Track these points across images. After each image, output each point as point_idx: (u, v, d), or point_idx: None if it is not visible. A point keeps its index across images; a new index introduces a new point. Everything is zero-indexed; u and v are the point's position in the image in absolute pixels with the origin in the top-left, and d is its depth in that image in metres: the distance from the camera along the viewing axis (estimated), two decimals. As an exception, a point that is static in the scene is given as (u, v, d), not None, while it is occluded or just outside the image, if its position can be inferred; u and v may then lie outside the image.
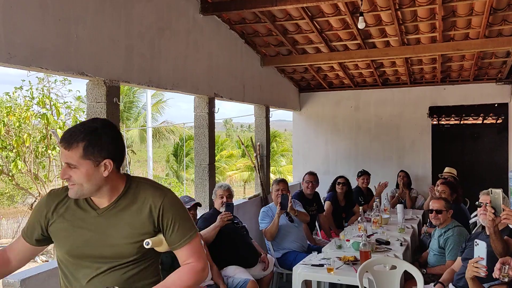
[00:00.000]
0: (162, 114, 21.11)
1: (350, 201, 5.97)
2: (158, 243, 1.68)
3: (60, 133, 9.01)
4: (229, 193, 4.23)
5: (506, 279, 1.98)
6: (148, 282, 1.71)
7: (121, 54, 3.54)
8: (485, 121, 8.84)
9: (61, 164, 10.43)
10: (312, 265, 3.60)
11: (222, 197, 4.18)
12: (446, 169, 6.44)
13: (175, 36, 4.31)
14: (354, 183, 6.48)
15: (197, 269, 1.70)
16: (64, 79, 9.79)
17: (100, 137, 1.56)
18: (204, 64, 4.83)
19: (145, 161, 20.44)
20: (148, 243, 1.64)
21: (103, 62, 3.33)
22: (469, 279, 2.36)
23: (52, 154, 9.81)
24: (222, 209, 4.04)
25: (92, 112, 3.34)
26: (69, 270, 1.68)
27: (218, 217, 3.91)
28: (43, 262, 12.91)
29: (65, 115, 9.71)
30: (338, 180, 5.89)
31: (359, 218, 4.91)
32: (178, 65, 4.35)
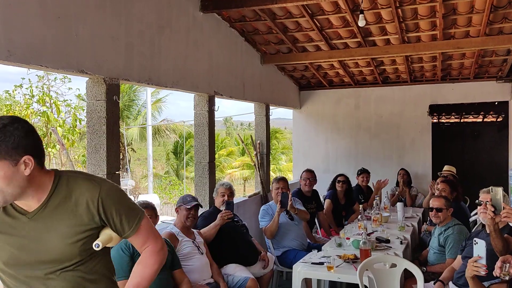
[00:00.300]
0: (162, 112, 21.11)
1: (350, 199, 5.97)
2: (108, 240, 1.61)
3: (60, 131, 9.02)
4: (230, 192, 4.24)
5: (507, 278, 1.98)
6: (104, 283, 1.67)
7: (121, 52, 3.54)
8: (485, 120, 8.83)
9: (61, 162, 10.45)
10: (312, 263, 3.60)
11: (223, 195, 4.19)
12: (446, 167, 6.43)
13: (175, 34, 4.30)
14: (354, 182, 6.48)
15: (156, 249, 1.69)
16: (64, 77, 9.79)
17: (11, 134, 1.39)
18: (204, 62, 4.82)
19: (145, 159, 20.44)
20: (98, 245, 1.56)
21: (103, 60, 3.33)
22: (469, 278, 2.36)
23: (52, 152, 9.81)
24: (223, 208, 4.05)
25: (92, 110, 3.34)
26: (11, 282, 1.58)
27: (219, 216, 3.91)
28: None
29: (65, 113, 9.72)
30: (338, 178, 5.89)
31: (359, 216, 4.91)
32: (178, 63, 4.35)
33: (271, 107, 6.80)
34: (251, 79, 6.01)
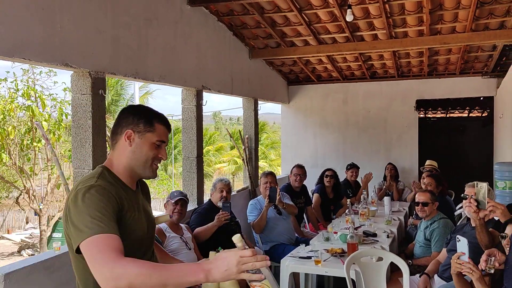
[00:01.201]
0: (150, 106, 20.93)
1: (338, 193, 6.00)
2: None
3: (46, 125, 8.88)
4: (228, 188, 4.25)
5: (492, 271, 2.01)
6: None
7: (107, 45, 3.48)
8: (471, 115, 8.97)
9: (46, 157, 10.30)
10: (300, 257, 3.61)
11: (221, 191, 4.20)
12: (427, 162, 6.54)
13: (163, 27, 4.25)
14: (342, 176, 6.52)
15: (100, 279, 1.36)
16: (50, 70, 9.64)
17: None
18: (192, 56, 4.78)
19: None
20: None
21: (89, 53, 3.28)
22: (454, 274, 2.38)
23: (38, 147, 9.67)
24: (220, 204, 4.04)
25: (77, 104, 3.29)
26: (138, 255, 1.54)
27: (216, 217, 3.91)
28: (29, 256, 12.79)
29: (51, 107, 9.58)
30: (326, 173, 5.91)
31: (347, 210, 4.94)
32: (166, 57, 4.30)
33: (260, 102, 6.79)
34: (240, 73, 5.98)
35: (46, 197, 11.14)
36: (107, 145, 3.06)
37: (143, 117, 1.63)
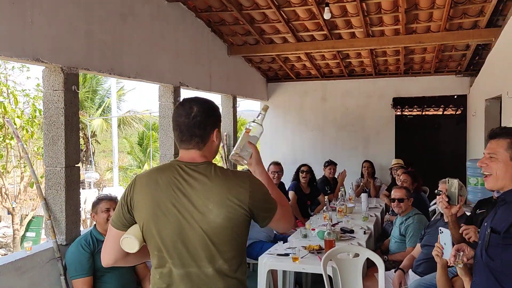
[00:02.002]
0: (126, 102, 20.60)
1: (314, 188, 6.05)
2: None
3: (18, 122, 8.64)
4: None
5: (461, 266, 2.04)
6: None
7: (81, 40, 3.40)
8: (445, 112, 9.16)
9: (19, 154, 10.03)
10: (278, 254, 3.62)
11: None
12: (394, 161, 6.71)
13: (139, 23, 4.18)
14: (320, 173, 6.57)
15: None
16: (22, 65, 9.37)
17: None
18: (169, 52, 4.72)
19: (111, 151, 19.97)
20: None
21: (61, 48, 3.19)
22: (438, 267, 2.41)
23: (10, 144, 9.41)
24: None
25: (49, 100, 3.20)
26: None
27: None
28: (1, 256, 12.46)
29: (24, 103, 9.32)
30: (302, 168, 5.94)
31: (325, 207, 4.98)
32: (142, 53, 4.24)
33: (238, 99, 6.76)
34: (218, 70, 5.94)
35: (19, 195, 10.85)
36: (80, 142, 2.98)
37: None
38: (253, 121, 1.87)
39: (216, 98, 6.63)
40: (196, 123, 1.60)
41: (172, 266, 1.56)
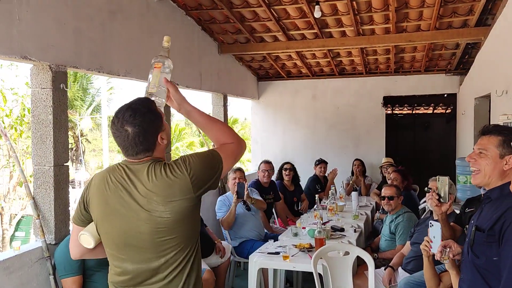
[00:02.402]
0: (116, 101, 20.44)
1: (298, 185, 6.09)
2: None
3: (7, 121, 8.54)
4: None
5: (447, 262, 2.06)
6: None
7: (69, 37, 3.36)
8: (435, 111, 9.23)
9: (8, 153, 9.91)
10: (268, 253, 3.62)
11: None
12: (384, 159, 6.75)
13: (128, 21, 4.15)
14: (311, 172, 6.59)
15: None
16: (11, 63, 9.26)
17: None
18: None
19: (101, 151, 19.81)
20: None
21: (49, 45, 3.15)
22: (425, 259, 2.42)
23: (-2, 143, 9.30)
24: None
25: (37, 98, 3.16)
26: None
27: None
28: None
29: (12, 101, 9.22)
30: (285, 166, 5.97)
31: (315, 205, 4.99)
32: (132, 51, 4.20)
33: (231, 97, 6.74)
34: (208, 69, 5.92)
35: (8, 194, 10.74)
36: (69, 141, 2.95)
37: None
38: (160, 55, 1.77)
39: (206, 96, 6.60)
40: (137, 142, 1.57)
41: (124, 262, 1.61)
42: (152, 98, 1.66)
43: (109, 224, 1.60)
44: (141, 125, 1.56)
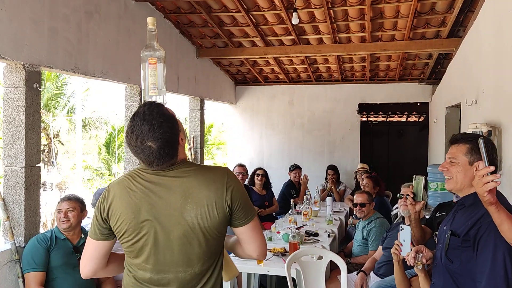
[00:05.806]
0: (92, 102, 20.11)
1: (269, 191, 6.12)
2: None
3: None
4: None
5: (420, 267, 2.10)
6: None
7: (44, 37, 3.31)
8: (408, 119, 9.45)
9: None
10: (243, 257, 3.61)
11: None
12: (359, 165, 6.85)
13: (105, 22, 4.11)
14: (287, 177, 6.63)
15: None
16: (-19, 62, 8.99)
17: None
18: (136, 52, 4.61)
19: (74, 152, 19.44)
20: None
21: (23, 44, 3.10)
22: (395, 263, 2.46)
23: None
24: None
25: (10, 98, 3.09)
26: None
27: None
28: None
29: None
30: (257, 172, 5.98)
31: (290, 210, 5.02)
32: (108, 52, 4.16)
33: (208, 102, 6.73)
34: (186, 72, 5.90)
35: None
36: (41, 142, 2.90)
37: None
38: (150, 46, 1.67)
39: (183, 100, 6.58)
40: (163, 154, 1.48)
41: (148, 272, 1.54)
42: (153, 99, 1.60)
43: (136, 231, 1.51)
44: (163, 137, 1.47)
